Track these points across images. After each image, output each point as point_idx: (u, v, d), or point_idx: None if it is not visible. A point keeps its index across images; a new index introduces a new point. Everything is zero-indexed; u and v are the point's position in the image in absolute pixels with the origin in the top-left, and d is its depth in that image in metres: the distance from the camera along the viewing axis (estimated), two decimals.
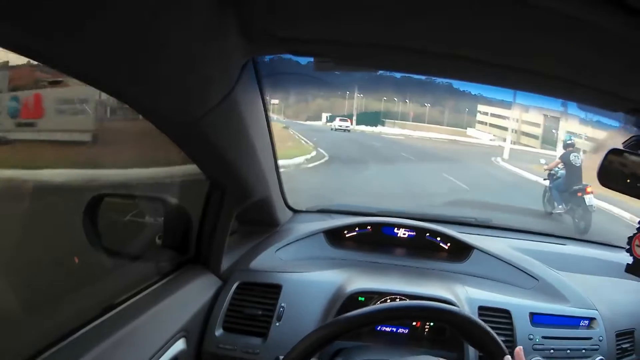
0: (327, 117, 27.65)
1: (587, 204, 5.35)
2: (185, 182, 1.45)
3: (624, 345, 1.51)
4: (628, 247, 1.14)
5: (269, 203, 1.60)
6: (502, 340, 1.26)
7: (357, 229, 1.78)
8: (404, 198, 6.68)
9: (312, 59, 0.91)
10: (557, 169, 5.96)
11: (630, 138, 1.04)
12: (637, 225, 1.12)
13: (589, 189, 5.37)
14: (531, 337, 1.39)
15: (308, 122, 24.73)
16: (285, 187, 1.77)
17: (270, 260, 1.55)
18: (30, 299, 1.15)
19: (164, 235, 1.23)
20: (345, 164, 9.04)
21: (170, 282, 1.23)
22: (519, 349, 0.96)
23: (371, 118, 21.67)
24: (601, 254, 1.86)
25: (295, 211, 1.95)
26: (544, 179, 6.32)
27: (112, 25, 0.56)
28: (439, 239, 1.77)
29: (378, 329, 1.39)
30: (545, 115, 12.55)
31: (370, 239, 1.79)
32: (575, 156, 5.72)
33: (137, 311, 1.05)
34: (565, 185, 5.71)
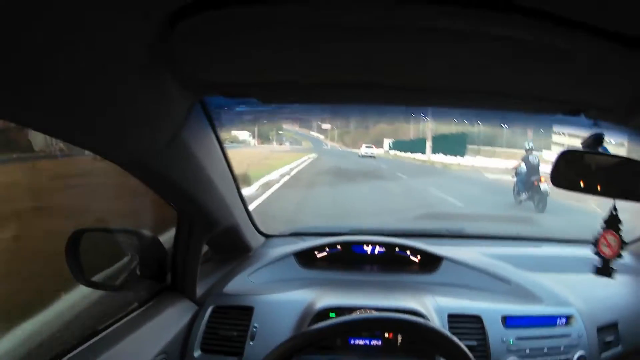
0: (389, 143, 27.77)
1: (542, 189, 7.57)
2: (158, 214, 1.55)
3: (607, 339, 1.55)
4: (595, 249, 1.19)
5: (238, 230, 1.67)
6: (475, 345, 1.40)
7: (327, 249, 1.85)
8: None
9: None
10: (519, 167, 8.26)
11: (588, 137, 1.06)
12: (602, 225, 1.17)
13: (542, 179, 7.57)
14: (504, 339, 1.43)
15: (374, 151, 25.14)
16: None
17: (243, 284, 1.62)
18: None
19: (140, 265, 1.31)
20: None
21: (149, 309, 1.31)
22: None
23: (452, 144, 20.12)
24: (576, 251, 1.91)
25: (267, 236, 2.02)
26: (512, 177, 8.78)
27: (60, 84, 0.63)
28: (408, 252, 1.84)
29: (351, 342, 1.41)
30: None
31: (341, 258, 1.85)
32: (533, 157, 8.13)
33: (117, 338, 1.12)
34: (526, 177, 7.98)
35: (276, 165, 13.41)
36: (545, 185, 7.50)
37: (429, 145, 20.75)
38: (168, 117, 0.91)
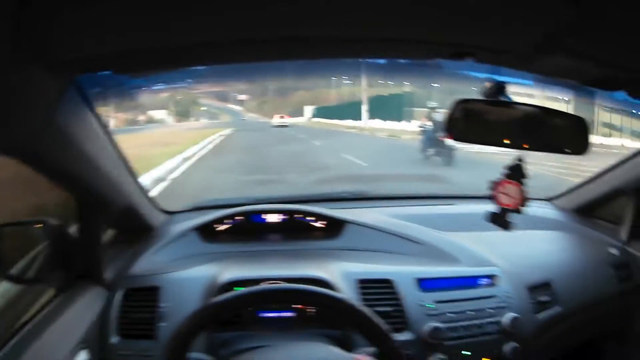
0: (312, 111, 26.07)
1: (447, 144, 7.94)
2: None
3: (541, 299, 1.54)
4: (490, 193, 1.13)
5: (135, 210, 1.63)
6: (390, 311, 1.39)
7: (227, 220, 1.83)
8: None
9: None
10: (424, 124, 9.00)
11: (489, 85, 1.01)
12: (503, 171, 1.12)
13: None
14: (422, 303, 1.42)
15: (286, 120, 23.33)
16: None
17: (148, 264, 1.61)
18: None
19: (52, 255, 1.31)
20: None
21: (63, 299, 1.31)
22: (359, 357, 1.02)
23: (391, 107, 18.51)
24: (493, 207, 1.92)
25: (169, 213, 1.99)
26: (417, 134, 9.56)
27: None
28: (310, 218, 1.82)
29: (260, 315, 1.41)
30: None
31: (243, 229, 1.83)
32: (437, 115, 8.53)
33: (35, 333, 1.13)
34: (432, 133, 8.50)
35: (175, 151, 11.46)
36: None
37: (365, 109, 18.44)
38: (40, 104, 0.88)
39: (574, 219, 1.98)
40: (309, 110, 26.36)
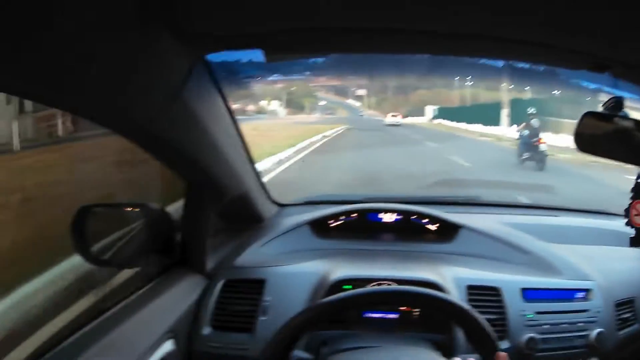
0: (434, 111, 25.43)
1: (540, 149, 9.08)
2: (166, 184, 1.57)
3: (624, 316, 1.55)
4: (626, 219, 1.19)
5: (249, 199, 1.69)
6: (494, 319, 1.40)
7: (342, 217, 1.87)
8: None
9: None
10: (522, 130, 9.72)
11: (609, 100, 1.07)
12: (631, 194, 1.19)
13: (541, 140, 9.16)
14: (523, 313, 1.45)
15: (409, 119, 23.48)
16: None
17: (254, 256, 1.64)
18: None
19: (149, 240, 1.33)
20: None
21: (157, 285, 1.34)
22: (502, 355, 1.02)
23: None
24: (595, 222, 1.92)
25: (280, 205, 2.05)
26: (516, 139, 10.40)
27: (50, 45, 0.62)
28: (425, 220, 1.85)
29: (365, 315, 1.44)
30: None
31: (356, 227, 1.87)
32: (534, 121, 9.52)
33: (124, 315, 1.15)
34: (527, 139, 9.41)
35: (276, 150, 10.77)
36: (544, 145, 9.21)
37: (505, 113, 16.24)
38: (166, 77, 0.91)
39: None
40: (430, 110, 25.41)
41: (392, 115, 21.69)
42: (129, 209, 1.40)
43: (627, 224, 1.21)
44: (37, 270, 1.42)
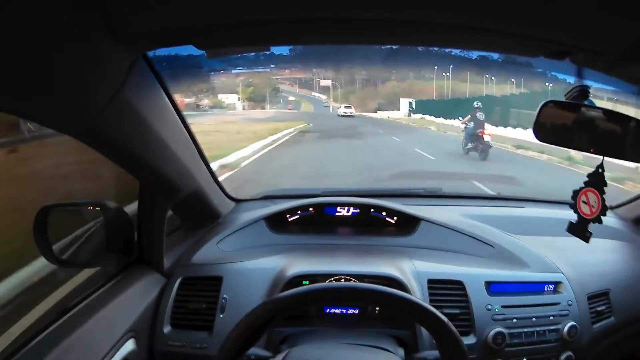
0: (410, 104, 24.34)
1: (485, 140, 10.65)
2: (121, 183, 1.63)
3: (598, 308, 1.65)
4: (572, 202, 1.22)
5: (203, 196, 1.76)
6: (458, 313, 1.49)
7: (299, 212, 1.96)
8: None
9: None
10: (468, 122, 11.08)
11: (573, 88, 1.10)
12: (585, 180, 1.20)
13: (485, 132, 10.71)
14: (489, 307, 1.52)
15: (380, 114, 23.80)
16: None
17: (211, 252, 1.72)
18: None
19: (107, 239, 1.40)
20: None
21: (116, 284, 1.42)
22: None
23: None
24: (564, 213, 1.90)
25: (237, 201, 2.14)
26: (461, 130, 12.01)
27: None
28: (384, 213, 1.95)
29: (326, 311, 1.51)
30: None
31: (314, 221, 1.97)
32: (479, 114, 10.95)
33: (85, 316, 1.22)
34: (472, 130, 10.91)
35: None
36: (488, 136, 10.79)
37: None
38: (105, 76, 0.94)
39: (633, 229, 2.04)
40: (405, 103, 24.79)
41: (345, 107, 22.57)
42: (88, 208, 1.47)
43: (572, 207, 1.23)
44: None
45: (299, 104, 32.58)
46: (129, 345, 1.33)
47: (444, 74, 21.42)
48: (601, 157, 1.16)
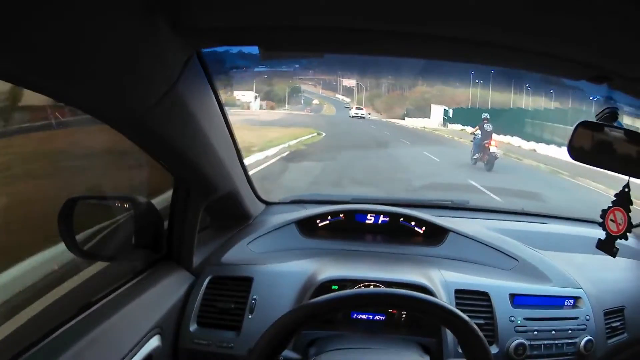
0: (446, 112, 23.15)
1: (491, 151, 11.55)
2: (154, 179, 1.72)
3: (613, 324, 1.78)
4: (601, 220, 1.33)
5: (238, 197, 1.88)
6: (482, 323, 1.60)
7: (329, 217, 2.10)
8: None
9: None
10: (476, 133, 12.02)
11: (604, 110, 1.21)
12: (613, 199, 1.30)
13: (491, 142, 11.56)
14: (512, 319, 1.64)
15: (408, 121, 23.40)
16: None
17: (241, 253, 1.84)
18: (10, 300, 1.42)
19: (136, 234, 1.48)
20: None
21: (144, 280, 1.50)
22: None
23: None
24: (585, 231, 2.15)
25: (268, 203, 2.28)
26: (470, 141, 12.89)
27: (47, 31, 0.69)
28: (413, 223, 2.09)
29: (353, 316, 1.62)
30: None
31: (344, 227, 2.10)
32: (488, 125, 11.79)
33: (111, 310, 1.28)
34: (480, 141, 11.75)
35: None
36: (494, 148, 11.69)
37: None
38: (162, 70, 1.01)
39: None
40: (438, 111, 23.40)
41: (357, 108, 23.51)
42: (117, 202, 1.56)
43: (601, 225, 1.34)
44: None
45: (321, 106, 32.55)
46: (154, 342, 1.40)
47: (477, 81, 21.15)
48: (627, 177, 1.25)
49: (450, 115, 23.31)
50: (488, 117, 12.23)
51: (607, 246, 1.34)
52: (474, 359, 1.17)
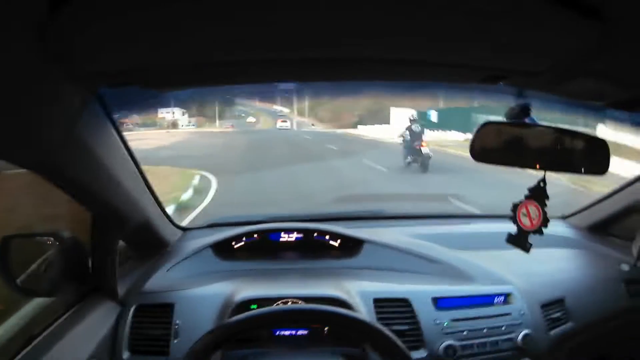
0: (423, 116, 20.21)
1: (423, 152, 12.43)
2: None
3: (553, 316, 1.99)
4: (512, 214, 1.46)
5: (152, 225, 2.06)
6: (406, 329, 1.80)
7: (244, 238, 2.33)
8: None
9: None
10: (405, 135, 13.07)
11: (513, 107, 1.31)
12: (526, 193, 1.43)
13: (423, 144, 12.47)
14: (438, 322, 1.82)
15: (362, 130, 22.80)
16: None
17: (162, 280, 2.05)
18: None
19: (64, 268, 1.65)
20: None
21: (75, 312, 1.67)
22: None
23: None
24: (508, 227, 2.26)
25: (184, 229, 2.52)
26: (399, 143, 13.75)
27: None
28: (327, 237, 2.34)
29: (276, 333, 1.80)
30: None
31: (259, 247, 2.34)
32: (416, 126, 13.01)
33: (48, 345, 1.44)
34: (410, 143, 12.80)
35: None
36: (427, 149, 12.51)
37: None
38: (60, 113, 1.09)
39: (587, 236, 2.53)
40: (400, 115, 20.50)
41: (282, 121, 26.04)
42: (44, 238, 1.72)
43: (512, 219, 1.46)
44: None
45: (258, 118, 32.42)
46: None
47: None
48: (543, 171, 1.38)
49: (434, 118, 21.93)
50: (415, 116, 13.68)
51: (519, 241, 1.49)
52: None
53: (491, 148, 1.39)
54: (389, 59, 1.05)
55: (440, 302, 1.90)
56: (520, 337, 1.86)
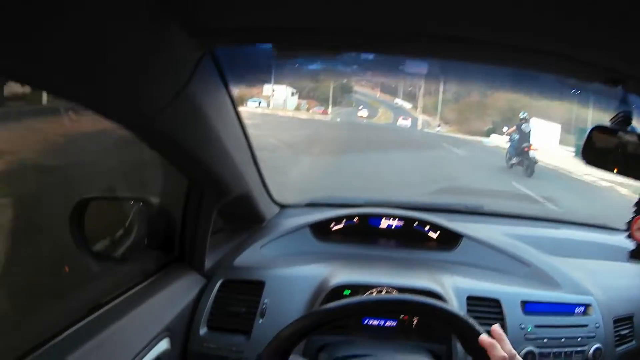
0: (522, 116, 19.17)
1: (530, 156, 12.35)
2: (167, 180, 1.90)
3: (622, 332, 2.00)
4: (627, 232, 1.51)
5: (251, 199, 2.14)
6: None
7: (343, 221, 2.41)
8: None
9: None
10: (513, 134, 13.04)
11: (618, 114, 1.27)
12: (634, 208, 1.49)
13: (532, 147, 12.36)
14: (523, 326, 1.87)
15: (494, 139, 21.41)
16: None
17: (254, 256, 2.11)
18: (18, 301, 1.56)
19: (148, 235, 1.70)
20: None
21: (154, 282, 1.69)
22: (495, 327, 1.31)
23: None
24: (596, 236, 2.44)
25: (282, 206, 2.60)
26: (506, 142, 13.97)
27: (60, 34, 0.77)
28: (427, 228, 2.41)
29: (365, 322, 1.86)
30: None
31: (357, 231, 2.42)
32: (525, 126, 12.85)
33: (120, 312, 1.44)
34: (517, 144, 12.69)
35: None
36: (534, 152, 12.50)
37: None
38: (174, 71, 1.13)
39: None
40: (544, 129, 19.83)
41: (403, 118, 25.68)
42: (129, 203, 1.78)
43: (628, 236, 1.51)
44: None
45: (376, 110, 32.28)
46: (163, 345, 1.60)
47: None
48: None
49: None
50: (526, 116, 13.38)
51: (639, 255, 1.51)
52: None
53: (598, 153, 1.36)
54: (516, 46, 1.08)
55: (528, 307, 1.93)
56: (592, 350, 1.88)
